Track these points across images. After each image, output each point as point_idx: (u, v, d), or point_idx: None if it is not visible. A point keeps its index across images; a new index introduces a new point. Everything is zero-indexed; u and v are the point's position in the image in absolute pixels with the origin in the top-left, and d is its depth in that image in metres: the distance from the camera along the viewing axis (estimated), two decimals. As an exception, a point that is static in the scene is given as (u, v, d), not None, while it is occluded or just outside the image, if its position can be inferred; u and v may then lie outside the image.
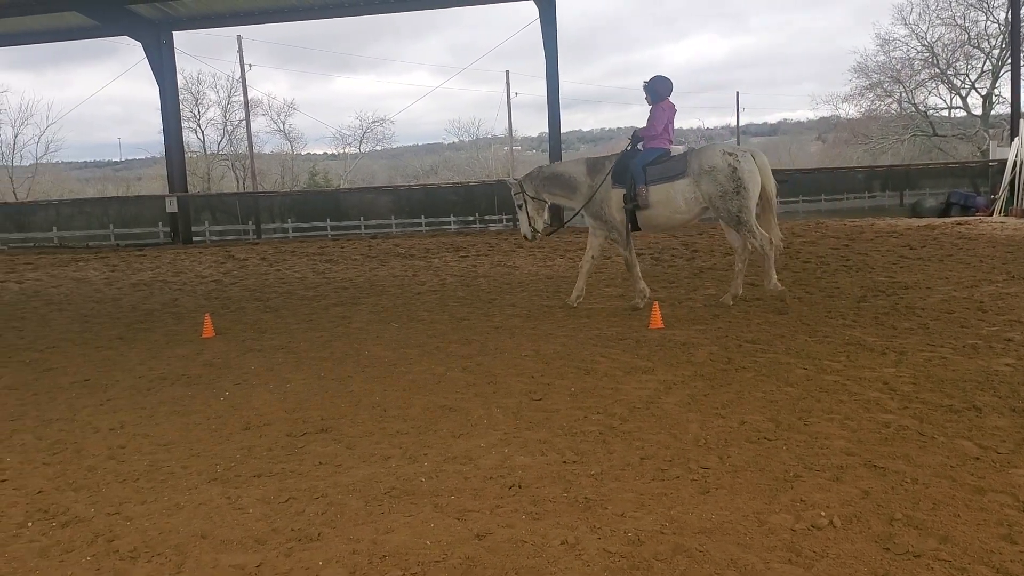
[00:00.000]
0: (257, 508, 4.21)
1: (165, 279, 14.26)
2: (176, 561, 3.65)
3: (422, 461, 4.80)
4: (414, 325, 8.90)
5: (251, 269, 14.90)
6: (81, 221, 23.20)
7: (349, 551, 3.67)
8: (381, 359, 7.40)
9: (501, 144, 64.91)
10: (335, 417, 5.74)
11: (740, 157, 8.73)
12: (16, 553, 3.81)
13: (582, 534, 3.76)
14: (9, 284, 14.54)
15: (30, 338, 9.34)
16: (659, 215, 9.00)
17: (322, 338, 8.48)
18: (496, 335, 8.19)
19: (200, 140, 55.48)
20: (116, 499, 4.43)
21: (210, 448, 5.23)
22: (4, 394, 6.87)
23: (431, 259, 14.44)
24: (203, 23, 21.83)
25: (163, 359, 7.91)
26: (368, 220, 22.49)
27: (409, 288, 11.50)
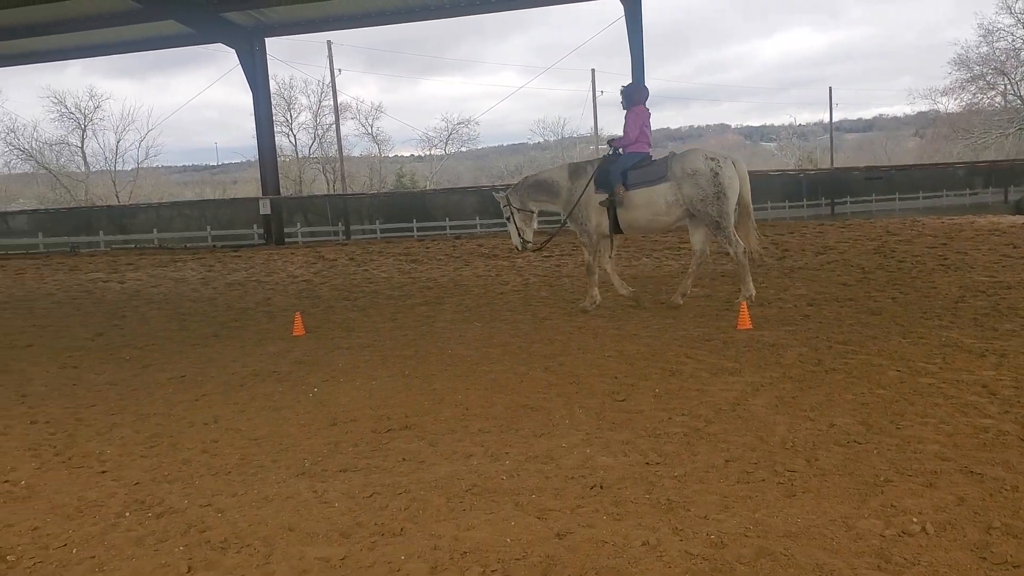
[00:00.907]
0: (342, 502, 4.29)
1: (258, 279, 14.67)
2: (264, 552, 3.75)
3: (503, 460, 4.81)
4: (497, 325, 8.94)
5: (340, 269, 15.21)
6: (180, 223, 24.06)
7: (431, 547, 3.71)
8: (464, 358, 7.46)
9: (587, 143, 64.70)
10: (418, 414, 5.81)
11: (722, 162, 8.83)
12: (114, 541, 3.97)
13: (664, 535, 3.72)
14: (112, 284, 15.17)
15: (130, 336, 9.72)
16: (641, 217, 9.11)
17: (407, 337, 8.60)
18: (579, 335, 8.16)
19: (292, 144, 56.93)
20: (208, 491, 4.58)
21: (298, 443, 5.36)
22: (105, 389, 7.17)
23: (514, 259, 14.49)
24: (294, 29, 22.38)
25: (255, 356, 8.13)
26: (453, 220, 22.72)
27: (492, 288, 11.57)
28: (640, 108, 9.30)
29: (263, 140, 22.38)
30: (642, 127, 9.21)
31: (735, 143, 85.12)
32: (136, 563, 3.72)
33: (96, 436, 5.76)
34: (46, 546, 3.97)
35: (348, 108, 57.41)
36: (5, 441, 5.75)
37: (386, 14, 21.03)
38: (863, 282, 10.58)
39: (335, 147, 50.08)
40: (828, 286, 10.41)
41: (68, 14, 20.11)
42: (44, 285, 15.44)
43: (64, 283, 15.61)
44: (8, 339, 9.83)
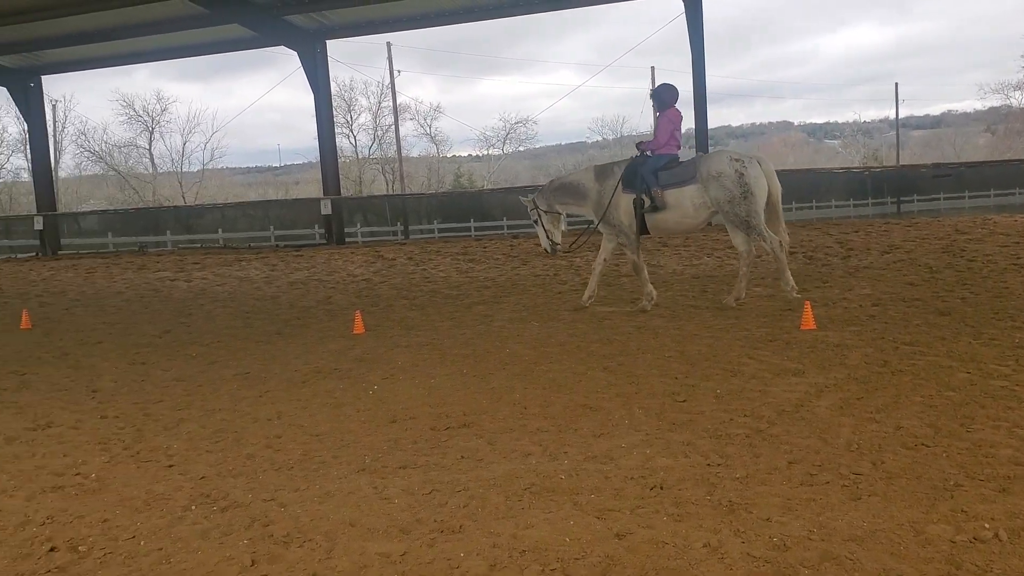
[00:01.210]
0: (402, 499, 4.32)
1: (320, 278, 14.88)
2: (326, 547, 3.80)
3: (562, 459, 4.80)
4: (555, 324, 8.92)
5: (399, 268, 15.35)
6: (244, 223, 24.55)
7: (490, 544, 3.72)
8: (522, 357, 7.46)
9: (646, 141, 64.34)
10: (477, 413, 5.82)
11: (746, 163, 8.90)
12: (181, 534, 4.06)
13: (725, 537, 3.67)
14: (179, 282, 15.53)
15: (196, 333, 9.94)
16: (670, 219, 9.16)
17: (465, 335, 8.63)
18: (638, 335, 8.10)
19: (352, 145, 57.67)
20: (272, 486, 4.65)
21: (359, 439, 5.41)
22: (173, 385, 7.33)
23: (572, 258, 14.45)
24: (355, 31, 22.64)
25: (317, 354, 8.25)
26: (511, 220, 22.75)
27: (550, 287, 11.56)
28: (672, 111, 9.36)
29: (324, 141, 22.69)
30: (673, 131, 9.28)
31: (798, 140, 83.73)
32: (201, 556, 3.80)
33: (163, 431, 5.90)
34: (115, 538, 4.07)
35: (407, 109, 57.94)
36: (76, 435, 5.92)
37: (445, 14, 21.16)
38: (931, 282, 10.32)
39: (394, 148, 50.61)
40: (894, 286, 10.17)
41: (137, 19, 20.64)
42: (114, 284, 15.88)
43: (133, 282, 16.04)
44: (80, 336, 10.12)
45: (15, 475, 5.10)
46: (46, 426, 6.18)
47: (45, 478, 5.02)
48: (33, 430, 6.10)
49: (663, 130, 9.26)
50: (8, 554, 3.96)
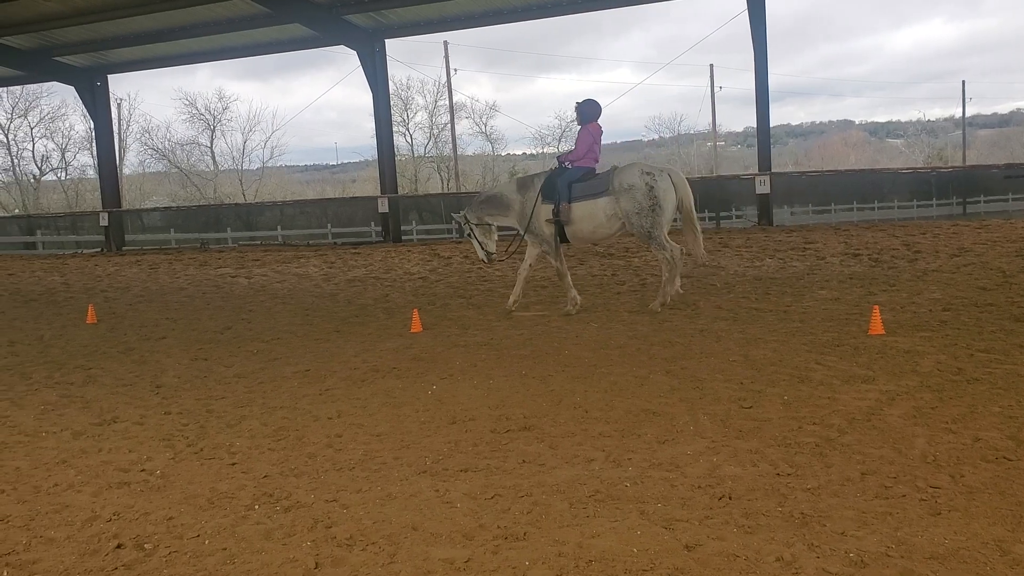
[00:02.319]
0: (464, 503, 4.27)
1: (377, 276, 14.95)
2: (389, 551, 3.76)
3: (626, 466, 4.70)
4: (614, 325, 8.81)
5: (455, 267, 15.35)
6: (302, 221, 24.82)
7: (555, 553, 3.64)
8: (581, 359, 7.37)
9: (704, 140, 63.61)
10: (537, 416, 5.75)
11: (656, 176, 9.25)
12: (244, 534, 4.06)
13: (799, 551, 3.55)
14: (239, 279, 15.74)
15: (257, 330, 10.03)
16: (583, 229, 9.54)
17: (522, 336, 8.56)
18: (701, 338, 7.95)
19: (408, 143, 58.00)
20: (334, 486, 4.64)
21: (419, 440, 5.38)
22: (234, 382, 7.39)
23: (630, 258, 14.28)
24: (413, 30, 22.71)
25: (375, 352, 8.25)
26: (567, 219, 22.61)
27: (608, 288, 11.43)
28: (593, 125, 9.71)
29: (382, 140, 22.81)
30: (591, 144, 9.62)
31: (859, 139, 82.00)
32: (265, 557, 3.79)
33: (226, 428, 5.94)
34: (180, 536, 4.09)
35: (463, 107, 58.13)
36: (141, 431, 5.99)
37: (502, 13, 21.11)
38: (1004, 286, 9.96)
39: (450, 146, 50.77)
40: (965, 290, 9.84)
41: (200, 19, 20.97)
42: (176, 280, 16.16)
43: (195, 278, 16.30)
44: (144, 331, 10.29)
45: (82, 470, 5.17)
46: (112, 421, 6.27)
47: (111, 474, 5.08)
48: (99, 425, 6.19)
49: (582, 143, 9.61)
50: (76, 550, 4.00)
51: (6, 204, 52.35)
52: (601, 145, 9.82)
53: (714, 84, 51.70)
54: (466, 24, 22.08)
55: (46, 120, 54.15)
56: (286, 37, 22.65)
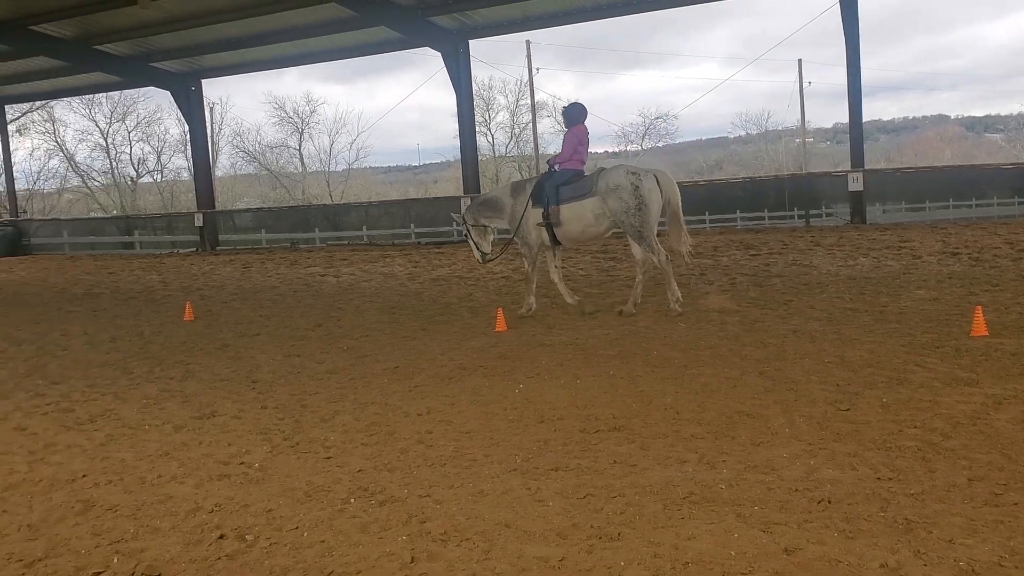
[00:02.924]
0: (556, 502, 4.26)
1: (460, 275, 15.06)
2: (483, 548, 3.78)
3: (720, 468, 4.63)
4: (704, 326, 8.67)
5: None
6: (387, 221, 25.17)
7: (650, 554, 3.60)
8: (671, 359, 7.28)
9: (792, 136, 62.21)
10: (627, 416, 5.70)
11: (642, 176, 9.42)
12: (342, 527, 4.13)
13: (904, 558, 3.44)
14: (328, 278, 16.05)
15: (347, 327, 10.21)
16: (572, 230, 9.77)
17: (609, 336, 8.51)
18: (795, 339, 7.77)
19: (490, 143, 58.31)
20: (426, 482, 4.68)
21: (508, 438, 5.39)
22: (327, 378, 7.54)
23: (719, 257, 14.07)
24: (496, 31, 22.80)
25: (461, 350, 8.31)
26: (651, 218, 22.39)
27: (696, 287, 11.27)
28: (579, 127, 9.97)
29: (465, 140, 22.97)
30: (577, 146, 9.87)
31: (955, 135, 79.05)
32: (362, 550, 3.85)
33: (320, 423, 6.06)
34: (280, 528, 4.18)
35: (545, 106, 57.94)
36: (239, 424, 6.16)
37: (586, 11, 21.02)
38: (1118, 287, 9.48)
39: (531, 145, 50.85)
40: (1075, 291, 9.39)
41: (289, 23, 21.47)
42: (268, 278, 16.57)
43: (286, 276, 16.69)
44: (239, 328, 10.58)
45: (184, 462, 5.33)
46: (211, 415, 6.46)
47: (212, 466, 5.23)
48: (199, 419, 6.38)
49: (568, 145, 9.89)
50: (180, 540, 4.13)
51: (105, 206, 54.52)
52: (588, 147, 10.13)
53: (803, 79, 50.47)
54: (549, 23, 22.06)
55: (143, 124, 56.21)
56: (372, 40, 23.00)
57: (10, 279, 19.64)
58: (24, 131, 46.84)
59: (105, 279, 18.25)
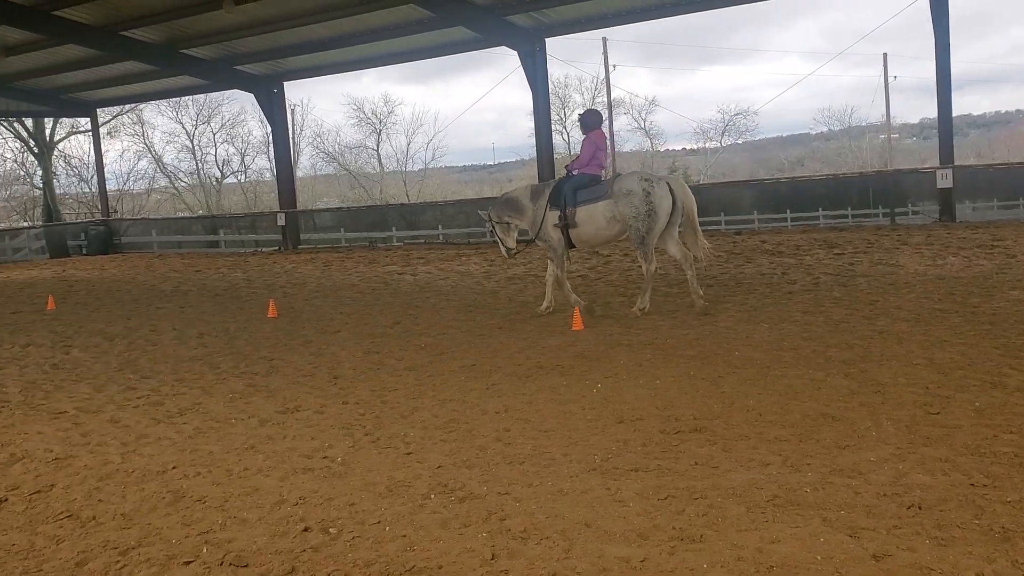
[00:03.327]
0: (636, 502, 4.23)
1: (536, 273, 15.05)
2: (563, 546, 3.77)
3: (805, 471, 4.53)
4: (786, 326, 8.50)
5: (614, 265, 15.24)
6: (462, 219, 25.32)
7: (734, 557, 3.55)
8: (753, 360, 7.15)
9: (876, 132, 60.51)
10: (708, 417, 5.63)
11: (655, 183, 9.64)
12: (422, 522, 4.18)
13: (1001, 568, 3.32)
14: (405, 276, 16.24)
15: (424, 325, 10.31)
16: (585, 232, 10.02)
17: (688, 336, 8.40)
18: (881, 340, 7.55)
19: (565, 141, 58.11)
20: (505, 480, 4.70)
21: (587, 438, 5.37)
22: (405, 374, 7.63)
23: (801, 256, 13.76)
24: (572, 28, 22.70)
25: (538, 349, 8.31)
26: (729, 215, 22.05)
27: (778, 287, 11.05)
28: (596, 133, 10.25)
29: (541, 139, 22.95)
30: (595, 152, 10.11)
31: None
32: (443, 545, 3.88)
33: (400, 419, 6.14)
34: (362, 522, 4.25)
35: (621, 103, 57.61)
36: (322, 419, 6.28)
37: (664, 7, 20.78)
38: None
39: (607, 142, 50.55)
40: None
41: (368, 25, 21.76)
42: (348, 276, 16.83)
43: (365, 275, 16.94)
44: (321, 325, 10.79)
45: (270, 456, 5.46)
46: (295, 410, 6.60)
47: (296, 460, 5.34)
48: (283, 413, 6.53)
49: (586, 151, 10.12)
50: (267, 531, 4.23)
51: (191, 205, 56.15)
52: (606, 152, 10.31)
53: (888, 73, 49.04)
54: (626, 19, 21.89)
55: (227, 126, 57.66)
56: (449, 40, 23.14)
57: (103, 276, 20.39)
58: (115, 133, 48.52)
59: (192, 277, 18.80)
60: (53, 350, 10.15)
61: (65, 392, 7.81)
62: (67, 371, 8.81)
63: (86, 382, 8.18)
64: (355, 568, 3.75)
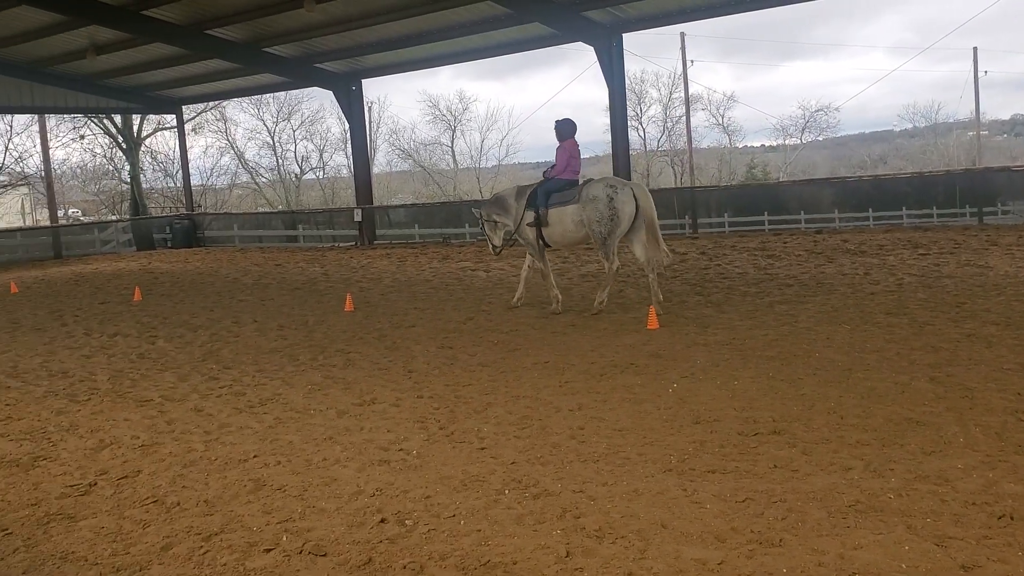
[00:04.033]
0: (714, 504, 4.17)
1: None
2: (639, 547, 3.74)
3: (888, 476, 4.41)
4: (869, 328, 8.27)
5: (690, 263, 15.07)
6: (536, 216, 25.33)
7: (814, 562, 3.48)
8: (834, 362, 6.99)
9: (964, 129, 58.51)
10: (787, 420, 5.52)
11: (619, 189, 10.19)
12: (497, 517, 4.19)
13: (1100, 586, 3.17)
14: (479, 272, 16.33)
15: (496, 321, 10.35)
16: (555, 232, 10.73)
17: (767, 337, 8.25)
18: (968, 344, 7.30)
19: (640, 137, 57.61)
20: (579, 478, 4.69)
21: (662, 438, 5.32)
22: (479, 370, 7.67)
23: (884, 256, 13.39)
24: (650, 23, 22.47)
25: (612, 347, 8.26)
26: (809, 214, 21.58)
27: (860, 288, 10.77)
28: (570, 142, 10.86)
29: (617, 135, 22.78)
30: (569, 159, 10.74)
31: None
32: (517, 541, 3.89)
33: (473, 414, 6.17)
34: (437, 515, 4.29)
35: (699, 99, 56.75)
36: (397, 412, 6.35)
37: (745, 1, 20.45)
38: None
39: (683, 139, 49.99)
40: None
41: (445, 23, 21.91)
42: (422, 272, 17.00)
43: (438, 270, 17.09)
44: (395, 319, 10.92)
45: (347, 447, 5.55)
46: (371, 402, 6.70)
47: (372, 451, 5.42)
48: (360, 405, 6.63)
49: (561, 159, 10.78)
50: (344, 521, 4.30)
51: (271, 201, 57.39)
52: (579, 159, 11.02)
53: (978, 68, 47.34)
54: (706, 14, 21.54)
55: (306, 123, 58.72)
56: (525, 36, 23.14)
57: (187, 269, 21.00)
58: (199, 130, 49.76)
59: (272, 270, 19.22)
60: (139, 340, 10.49)
61: (151, 381, 8.06)
62: (153, 360, 9.10)
63: (171, 371, 8.44)
64: (430, 560, 3.78)
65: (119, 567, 3.98)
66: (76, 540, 4.33)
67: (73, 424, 6.62)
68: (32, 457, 5.79)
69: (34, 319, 12.94)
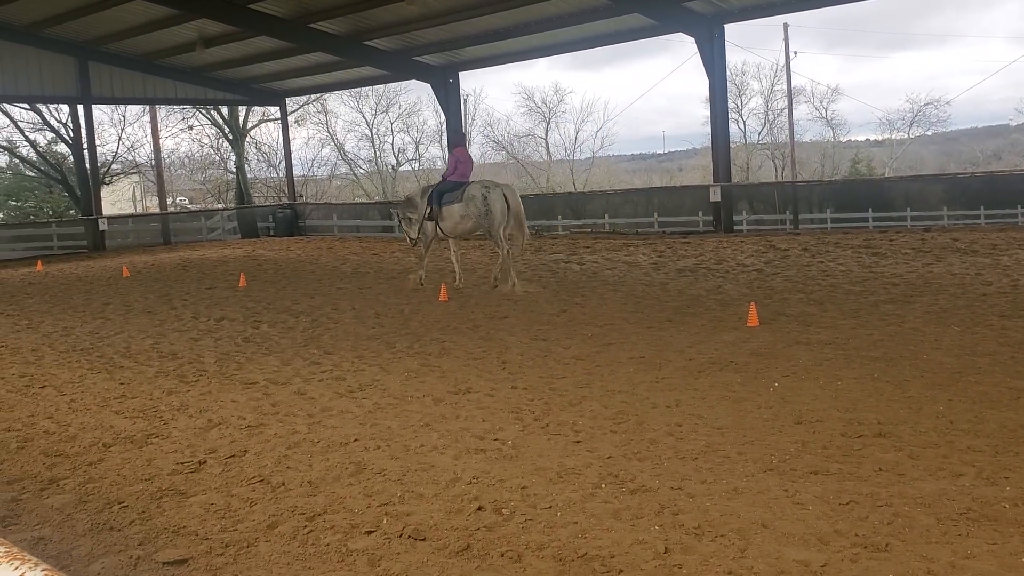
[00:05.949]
0: (816, 506, 4.08)
1: (708, 266, 14.75)
2: (739, 546, 3.69)
3: (1003, 485, 4.23)
4: (980, 331, 7.94)
5: (792, 260, 14.73)
6: (628, 209, 25.14)
7: (923, 569, 3.37)
8: (943, 365, 6.73)
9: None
10: (893, 423, 5.35)
11: (491, 189, 12.66)
12: (593, 510, 4.19)
13: None
14: (572, 265, 16.29)
15: (590, 314, 10.31)
16: (447, 225, 13.09)
17: (872, 337, 8.01)
18: (1091, 349, 6.94)
19: (740, 130, 56.44)
20: (677, 474, 4.64)
21: (763, 438, 5.23)
22: (573, 363, 7.67)
23: (998, 256, 12.81)
24: (752, 14, 21.98)
25: (710, 344, 8.14)
26: (915, 211, 20.84)
27: (972, 288, 10.34)
28: (459, 150, 13.66)
29: (718, 127, 22.38)
30: (456, 164, 13.23)
31: None
32: (615, 535, 3.88)
33: (568, 407, 6.17)
34: (534, 505, 4.31)
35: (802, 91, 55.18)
36: (492, 402, 6.41)
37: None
38: None
39: (785, 132, 48.78)
40: None
41: (542, 15, 21.88)
42: (514, 264, 17.08)
43: (531, 262, 17.12)
44: (488, 310, 11.00)
45: (444, 434, 5.63)
46: (466, 391, 6.77)
47: (468, 440, 5.48)
48: (456, 394, 6.71)
49: (450, 165, 13.39)
50: (442, 508, 4.36)
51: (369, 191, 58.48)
52: (468, 164, 13.43)
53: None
54: (810, 5, 21.03)
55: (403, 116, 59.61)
56: (623, 27, 22.93)
57: (289, 257, 21.60)
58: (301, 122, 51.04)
59: (370, 259, 19.60)
60: (244, 324, 10.86)
61: (256, 364, 8.34)
62: (257, 344, 9.40)
63: (275, 355, 8.70)
64: (528, 550, 3.81)
65: (228, 543, 4.13)
66: (187, 515, 4.51)
67: (183, 404, 6.89)
68: (145, 434, 6.06)
69: (145, 302, 13.53)
